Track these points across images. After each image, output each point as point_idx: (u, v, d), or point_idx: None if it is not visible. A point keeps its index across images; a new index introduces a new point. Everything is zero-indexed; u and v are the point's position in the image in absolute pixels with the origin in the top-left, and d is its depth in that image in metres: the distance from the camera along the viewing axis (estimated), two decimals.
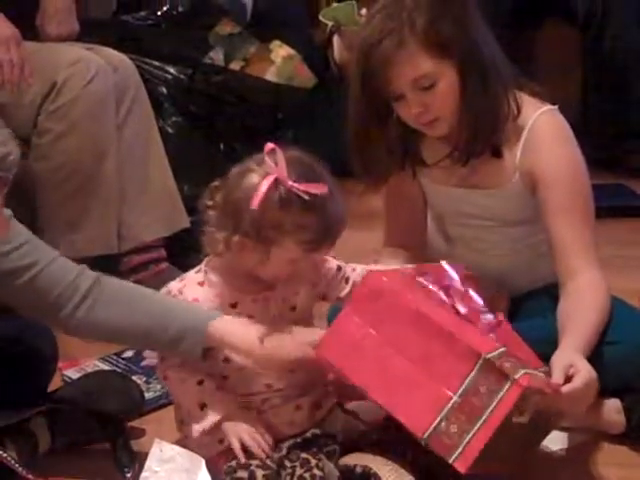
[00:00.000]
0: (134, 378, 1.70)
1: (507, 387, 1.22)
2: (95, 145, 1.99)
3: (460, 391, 1.24)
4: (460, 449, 1.22)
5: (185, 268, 2.09)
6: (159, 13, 2.47)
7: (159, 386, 1.73)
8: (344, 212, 1.35)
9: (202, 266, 1.43)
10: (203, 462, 1.33)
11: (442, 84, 1.46)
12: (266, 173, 1.30)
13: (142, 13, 2.47)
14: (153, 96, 2.20)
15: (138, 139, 2.07)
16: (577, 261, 1.50)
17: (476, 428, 1.22)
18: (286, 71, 2.49)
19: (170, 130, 2.28)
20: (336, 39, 2.96)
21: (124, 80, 2.06)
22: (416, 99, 1.46)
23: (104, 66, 2.01)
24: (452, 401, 1.24)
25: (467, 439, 1.22)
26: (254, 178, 1.31)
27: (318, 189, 1.29)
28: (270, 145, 1.31)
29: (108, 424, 1.50)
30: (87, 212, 2.00)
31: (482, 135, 1.51)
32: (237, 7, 2.69)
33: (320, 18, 3.01)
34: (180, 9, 2.49)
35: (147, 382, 1.74)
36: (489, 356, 1.25)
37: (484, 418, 1.22)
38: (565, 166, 1.53)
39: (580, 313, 1.47)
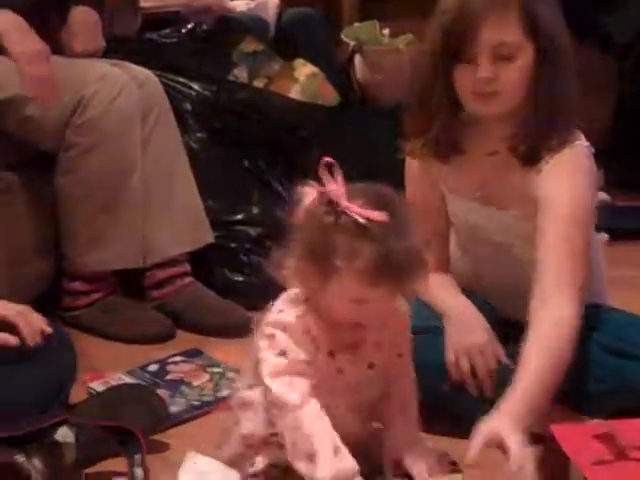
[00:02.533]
0: (159, 392, 1.69)
1: None
2: (121, 160, 2.00)
3: None
4: None
5: (209, 284, 2.12)
6: (183, 31, 2.48)
7: (182, 400, 1.73)
8: (411, 251, 1.25)
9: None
10: (239, 477, 1.32)
11: (520, 60, 1.47)
12: (320, 187, 1.24)
13: (166, 31, 2.48)
14: (178, 112, 2.20)
15: (163, 154, 2.08)
16: (554, 290, 1.44)
17: None
18: (310, 89, 2.49)
19: (195, 146, 2.28)
20: (358, 58, 2.98)
21: (149, 96, 2.07)
22: (489, 63, 1.46)
23: (130, 82, 2.03)
24: None
25: None
26: (306, 193, 1.25)
27: (377, 216, 1.21)
28: (327, 159, 1.25)
29: (127, 440, 1.48)
30: (112, 226, 2.00)
31: (558, 127, 1.50)
32: (260, 25, 2.71)
33: (342, 37, 3.02)
34: (204, 27, 2.50)
35: (171, 396, 1.74)
36: None
37: None
38: (582, 200, 1.50)
39: (530, 371, 1.37)
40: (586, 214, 1.50)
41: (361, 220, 1.21)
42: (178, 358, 1.88)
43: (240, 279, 2.16)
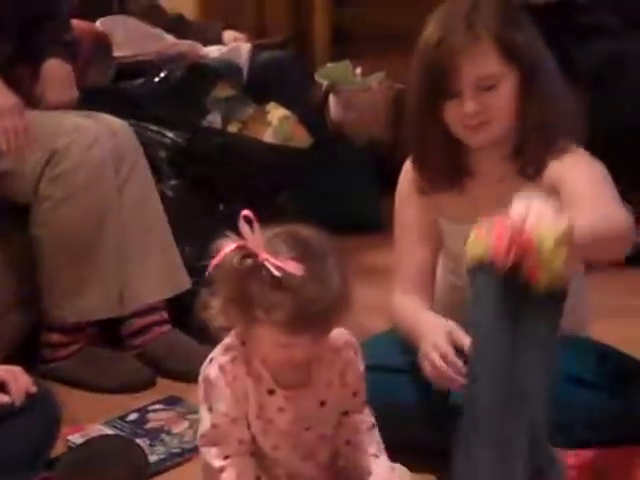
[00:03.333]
0: (138, 441, 1.70)
1: None
2: (95, 211, 2.01)
3: None
4: None
5: (187, 330, 2.12)
6: (157, 79, 2.51)
7: (163, 449, 1.73)
8: (338, 298, 1.25)
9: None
10: None
11: (503, 88, 1.50)
12: (239, 239, 1.25)
13: (140, 80, 2.51)
14: (152, 160, 2.22)
15: (138, 203, 2.10)
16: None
17: None
18: (282, 132, 2.52)
19: (169, 193, 2.29)
20: (332, 98, 3.01)
21: (123, 145, 2.09)
22: (474, 97, 1.49)
23: (103, 132, 2.05)
24: None
25: None
26: (225, 244, 1.26)
27: (293, 268, 1.21)
28: (245, 212, 1.25)
29: None
30: (88, 277, 2.01)
31: (549, 143, 1.52)
32: (233, 70, 2.73)
33: (316, 78, 3.06)
34: (177, 74, 2.53)
35: (151, 445, 1.74)
36: None
37: None
38: (585, 166, 1.52)
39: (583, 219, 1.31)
40: (603, 173, 1.50)
41: (277, 273, 1.21)
42: (158, 406, 1.88)
43: (218, 324, 2.16)
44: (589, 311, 1.70)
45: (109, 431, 1.78)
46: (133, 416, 1.84)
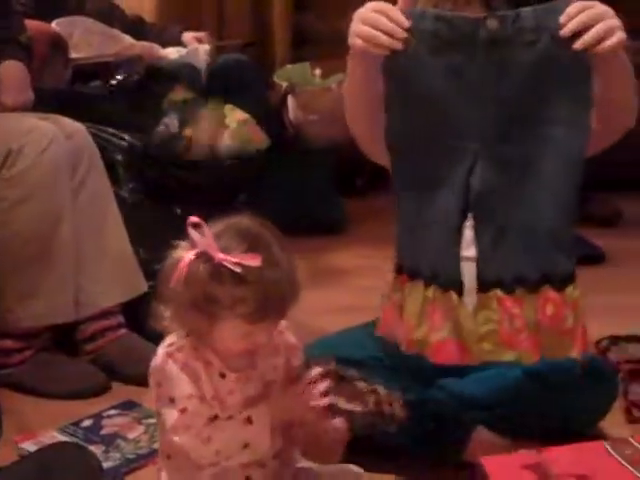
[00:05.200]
0: (93, 447, 1.67)
1: None
2: (51, 212, 1.99)
3: None
4: None
5: (144, 333, 2.10)
6: (113, 82, 2.48)
7: (118, 455, 1.71)
8: (290, 281, 1.29)
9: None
10: None
11: None
12: (192, 247, 1.26)
13: (96, 82, 2.49)
14: (109, 163, 2.20)
15: (94, 205, 2.07)
16: None
17: None
18: (240, 134, 2.51)
19: (126, 196, 2.28)
20: (291, 99, 3.01)
21: (79, 148, 2.07)
22: None
23: (58, 134, 2.02)
24: None
25: None
26: (179, 254, 1.28)
27: (251, 260, 1.24)
28: (193, 218, 1.27)
29: None
30: (43, 280, 1.98)
31: None
32: (191, 72, 2.72)
33: (275, 79, 3.05)
34: (135, 77, 2.51)
35: (106, 451, 1.72)
36: None
37: None
38: None
39: None
40: None
41: (237, 270, 1.23)
42: (113, 411, 1.86)
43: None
44: None
45: (63, 438, 1.76)
46: (87, 422, 1.82)
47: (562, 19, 1.33)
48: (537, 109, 1.38)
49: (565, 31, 1.33)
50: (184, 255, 1.26)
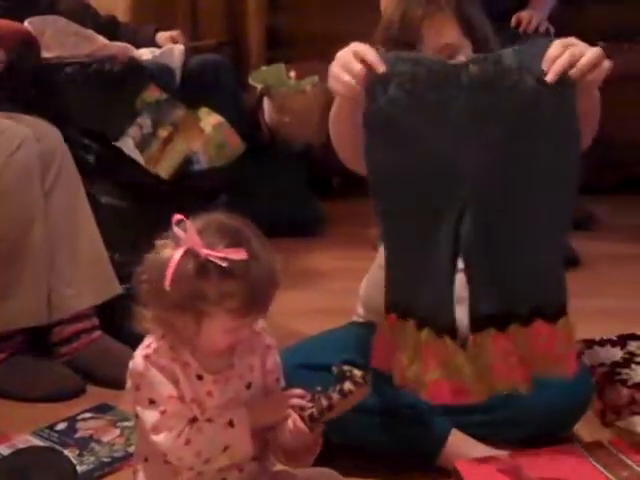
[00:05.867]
0: (67, 451, 1.66)
1: None
2: (22, 214, 1.96)
3: None
4: None
5: (118, 336, 2.09)
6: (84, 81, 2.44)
7: (92, 458, 1.70)
8: (272, 273, 1.29)
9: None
10: None
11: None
12: (177, 245, 1.25)
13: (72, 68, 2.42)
14: (81, 165, 2.17)
15: (66, 207, 2.05)
16: None
17: None
18: (216, 139, 2.50)
19: (99, 198, 2.26)
20: (266, 101, 3.00)
21: (50, 149, 2.05)
22: None
23: (29, 135, 2.00)
24: None
25: None
26: (166, 253, 1.26)
27: (237, 254, 1.24)
28: (177, 216, 1.27)
29: None
30: (15, 283, 1.96)
31: None
32: (166, 73, 2.70)
33: (250, 81, 3.05)
34: (108, 67, 2.46)
35: (80, 455, 1.70)
36: None
37: None
38: None
39: None
40: None
41: (224, 264, 1.23)
42: (88, 414, 1.85)
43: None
44: None
45: (37, 441, 1.74)
46: (62, 425, 1.80)
47: (545, 65, 1.33)
48: (524, 150, 1.37)
49: (551, 77, 1.32)
50: (172, 254, 1.25)
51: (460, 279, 1.42)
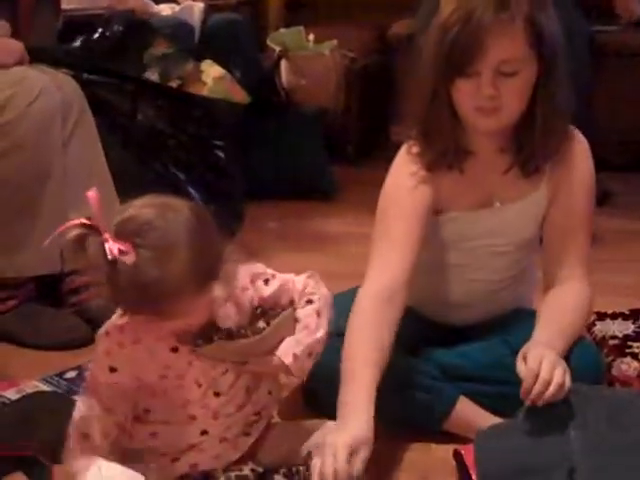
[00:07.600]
0: (75, 398, 1.66)
1: None
2: (40, 163, 1.96)
3: None
4: None
5: None
6: (95, 36, 2.43)
7: None
8: (168, 277, 1.20)
9: None
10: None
11: (523, 75, 1.44)
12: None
13: (77, 41, 2.43)
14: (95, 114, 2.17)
15: (83, 156, 2.04)
16: (571, 271, 1.55)
17: None
18: (218, 91, 2.49)
19: (109, 149, 2.25)
20: (284, 64, 2.98)
21: (69, 98, 2.04)
22: (492, 80, 1.42)
23: (49, 84, 1.99)
24: None
25: None
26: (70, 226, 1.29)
27: (123, 252, 1.22)
28: (90, 193, 1.29)
29: (33, 468, 1.44)
30: (31, 231, 1.95)
31: (555, 138, 1.51)
32: (185, 29, 2.69)
33: (268, 43, 3.03)
34: (115, 29, 2.45)
35: None
36: None
37: None
38: (590, 179, 1.58)
39: (559, 312, 1.51)
40: (593, 188, 1.58)
41: (109, 256, 1.22)
42: None
43: None
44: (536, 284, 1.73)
45: (45, 387, 1.74)
46: (71, 374, 1.81)
47: (522, 393, 1.37)
48: None
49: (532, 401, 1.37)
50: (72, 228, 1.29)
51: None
